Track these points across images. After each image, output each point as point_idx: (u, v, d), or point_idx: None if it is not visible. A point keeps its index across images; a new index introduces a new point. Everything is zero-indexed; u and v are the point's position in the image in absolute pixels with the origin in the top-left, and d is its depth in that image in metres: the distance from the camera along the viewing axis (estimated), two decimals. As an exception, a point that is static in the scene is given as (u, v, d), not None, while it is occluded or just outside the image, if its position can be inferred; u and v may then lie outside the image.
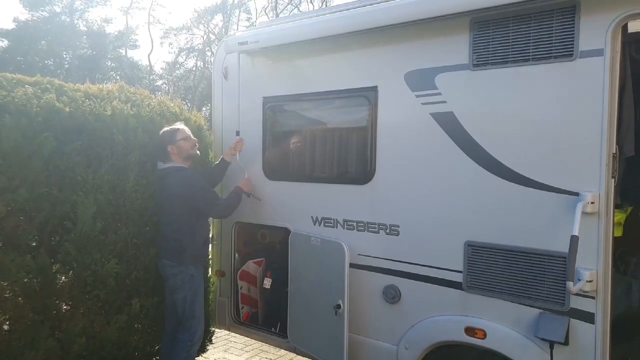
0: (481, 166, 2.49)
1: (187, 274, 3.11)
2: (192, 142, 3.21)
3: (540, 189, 2.33)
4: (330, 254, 2.97)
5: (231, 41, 3.43)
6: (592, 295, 2.23)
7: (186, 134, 3.19)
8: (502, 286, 2.45)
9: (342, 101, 3.12)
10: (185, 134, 3.19)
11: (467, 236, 2.55)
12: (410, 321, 2.77)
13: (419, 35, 2.70)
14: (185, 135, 3.18)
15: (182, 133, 3.18)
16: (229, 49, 3.44)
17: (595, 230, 2.21)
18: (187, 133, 3.20)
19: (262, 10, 30.57)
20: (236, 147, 3.42)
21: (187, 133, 3.20)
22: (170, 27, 37.22)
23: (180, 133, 3.17)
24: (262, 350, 4.37)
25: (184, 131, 3.20)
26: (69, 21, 28.56)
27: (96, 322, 2.94)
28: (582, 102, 2.22)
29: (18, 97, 2.61)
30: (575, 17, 2.21)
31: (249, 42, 3.28)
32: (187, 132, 3.21)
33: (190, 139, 3.21)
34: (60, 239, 2.85)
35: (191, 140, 3.21)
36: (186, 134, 3.20)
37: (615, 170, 2.22)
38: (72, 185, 2.81)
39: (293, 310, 3.25)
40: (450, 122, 2.58)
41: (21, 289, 2.67)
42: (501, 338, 2.45)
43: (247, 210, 3.47)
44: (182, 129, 3.20)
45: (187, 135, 3.19)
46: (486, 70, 2.47)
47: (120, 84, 3.35)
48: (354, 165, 3.12)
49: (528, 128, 2.37)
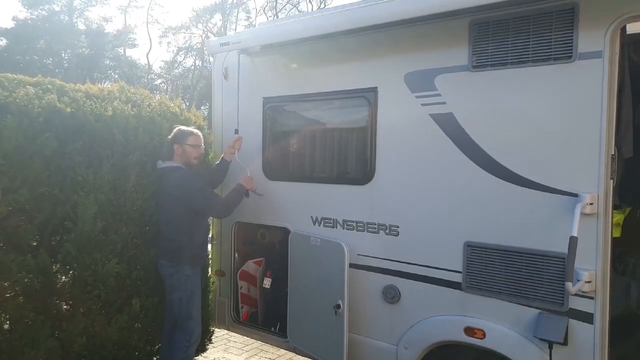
0: (481, 167, 2.50)
1: (182, 275, 3.11)
2: (198, 153, 3.23)
3: (539, 189, 2.34)
4: (330, 254, 2.98)
5: (213, 42, 3.45)
6: (591, 295, 2.24)
7: (197, 142, 3.21)
8: (501, 286, 2.46)
9: (342, 102, 3.13)
10: (196, 142, 3.21)
11: (467, 236, 2.56)
12: (410, 321, 2.78)
13: (419, 37, 2.71)
14: (195, 143, 3.20)
15: (194, 139, 3.20)
16: (211, 50, 3.46)
17: (594, 231, 2.23)
18: (198, 141, 3.22)
19: (262, 9, 30.53)
20: (234, 146, 3.42)
21: (198, 141, 3.22)
22: (169, 27, 37.19)
23: (192, 139, 3.19)
24: (262, 350, 4.38)
25: (196, 138, 3.21)
26: (68, 20, 28.50)
27: (97, 322, 2.95)
28: (581, 103, 2.24)
29: (19, 98, 2.62)
30: (574, 19, 2.23)
31: (230, 43, 3.30)
32: (199, 141, 3.23)
33: (199, 149, 3.23)
34: (60, 239, 2.86)
35: (199, 150, 3.23)
36: (197, 141, 3.22)
37: (613, 171, 2.24)
38: (73, 185, 2.81)
39: (293, 310, 3.26)
40: (450, 123, 2.60)
41: (22, 289, 2.67)
42: (500, 338, 2.46)
43: (247, 210, 3.48)
44: (196, 135, 3.22)
45: (196, 143, 3.21)
46: (486, 71, 2.48)
47: (121, 84, 3.35)
48: (353, 166, 3.13)
49: (527, 129, 2.38)
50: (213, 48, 3.43)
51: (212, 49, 3.45)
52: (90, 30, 29.38)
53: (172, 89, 30.88)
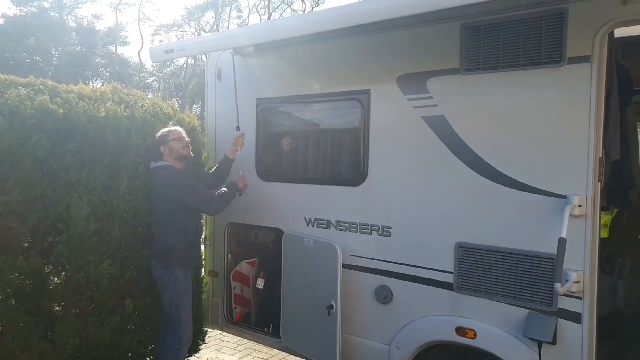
0: (472, 169, 2.54)
1: (172, 276, 3.11)
2: (184, 143, 3.21)
3: (529, 191, 2.38)
4: (323, 255, 3.00)
5: (157, 49, 3.45)
6: (579, 295, 2.28)
7: (178, 135, 3.20)
8: (492, 287, 2.50)
9: (335, 104, 3.15)
10: (177, 135, 3.19)
11: (458, 238, 2.60)
12: (402, 321, 2.81)
13: (412, 40, 2.73)
14: (177, 137, 3.19)
15: (174, 134, 3.19)
16: (155, 57, 3.47)
17: (583, 232, 2.27)
18: (179, 134, 3.21)
19: (254, 8, 30.45)
20: (237, 143, 3.41)
21: (179, 134, 3.21)
22: (162, 25, 36.93)
23: (173, 134, 3.18)
24: (255, 350, 4.39)
25: (176, 132, 3.20)
26: (59, 17, 28.20)
27: (90, 324, 2.94)
28: (571, 107, 2.28)
29: (11, 99, 2.60)
30: (563, 24, 2.27)
31: (175, 50, 3.30)
32: (180, 134, 3.22)
33: (183, 140, 3.21)
34: (53, 241, 2.85)
35: (183, 142, 3.21)
36: (178, 135, 3.20)
37: (601, 174, 2.28)
38: (66, 187, 2.80)
39: (286, 311, 3.27)
40: (442, 125, 2.63)
41: (14, 291, 2.66)
42: (491, 338, 2.50)
43: (241, 211, 3.49)
44: (174, 130, 3.21)
45: (178, 137, 3.19)
46: (477, 75, 2.52)
47: (114, 85, 3.34)
48: (347, 167, 3.16)
49: (518, 132, 2.42)
50: (158, 56, 3.44)
51: (157, 57, 3.45)
52: (81, 28, 29.10)
53: (164, 88, 30.70)
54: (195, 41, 3.44)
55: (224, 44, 3.37)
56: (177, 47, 3.34)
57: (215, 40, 3.74)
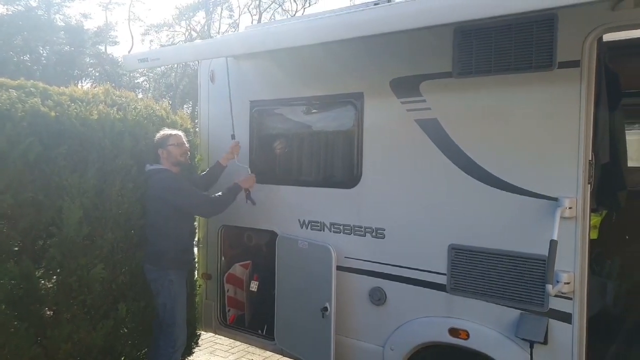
0: (464, 172, 2.57)
1: (166, 279, 3.10)
2: (183, 150, 3.21)
3: (521, 194, 2.41)
4: (317, 257, 3.01)
5: (130, 57, 3.42)
6: (570, 296, 2.32)
7: (178, 141, 3.19)
8: (484, 288, 2.53)
9: (329, 106, 3.16)
10: (177, 140, 3.19)
11: (451, 239, 2.62)
12: (396, 323, 2.83)
13: (404, 43, 2.75)
14: (177, 142, 3.18)
15: (175, 139, 3.18)
16: (128, 66, 3.46)
17: (573, 233, 2.31)
18: (179, 140, 3.20)
19: (245, 7, 30.36)
20: (233, 151, 3.40)
21: (179, 140, 3.20)
22: (152, 24, 36.65)
23: (173, 139, 3.17)
24: (248, 352, 4.39)
25: (176, 137, 3.20)
26: (46, 16, 27.83)
27: (82, 328, 2.91)
28: (561, 110, 2.32)
29: (2, 101, 2.56)
30: (553, 29, 2.30)
31: (149, 59, 3.29)
32: (180, 139, 3.21)
33: (182, 146, 3.20)
34: (44, 244, 2.82)
35: (182, 148, 3.20)
36: (178, 140, 3.19)
37: (591, 176, 2.32)
38: (58, 190, 2.78)
39: (280, 313, 3.28)
40: (435, 128, 2.65)
41: (4, 296, 2.62)
42: (483, 338, 2.53)
43: (234, 214, 3.48)
44: (175, 135, 3.20)
45: (178, 142, 3.19)
46: (469, 78, 2.54)
47: (106, 87, 3.31)
48: (340, 170, 3.17)
49: (509, 135, 2.45)
50: (131, 64, 3.42)
51: (130, 66, 3.44)
52: (69, 27, 28.74)
53: (154, 88, 30.46)
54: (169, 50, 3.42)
55: (200, 53, 3.35)
56: (152, 56, 3.30)
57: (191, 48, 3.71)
